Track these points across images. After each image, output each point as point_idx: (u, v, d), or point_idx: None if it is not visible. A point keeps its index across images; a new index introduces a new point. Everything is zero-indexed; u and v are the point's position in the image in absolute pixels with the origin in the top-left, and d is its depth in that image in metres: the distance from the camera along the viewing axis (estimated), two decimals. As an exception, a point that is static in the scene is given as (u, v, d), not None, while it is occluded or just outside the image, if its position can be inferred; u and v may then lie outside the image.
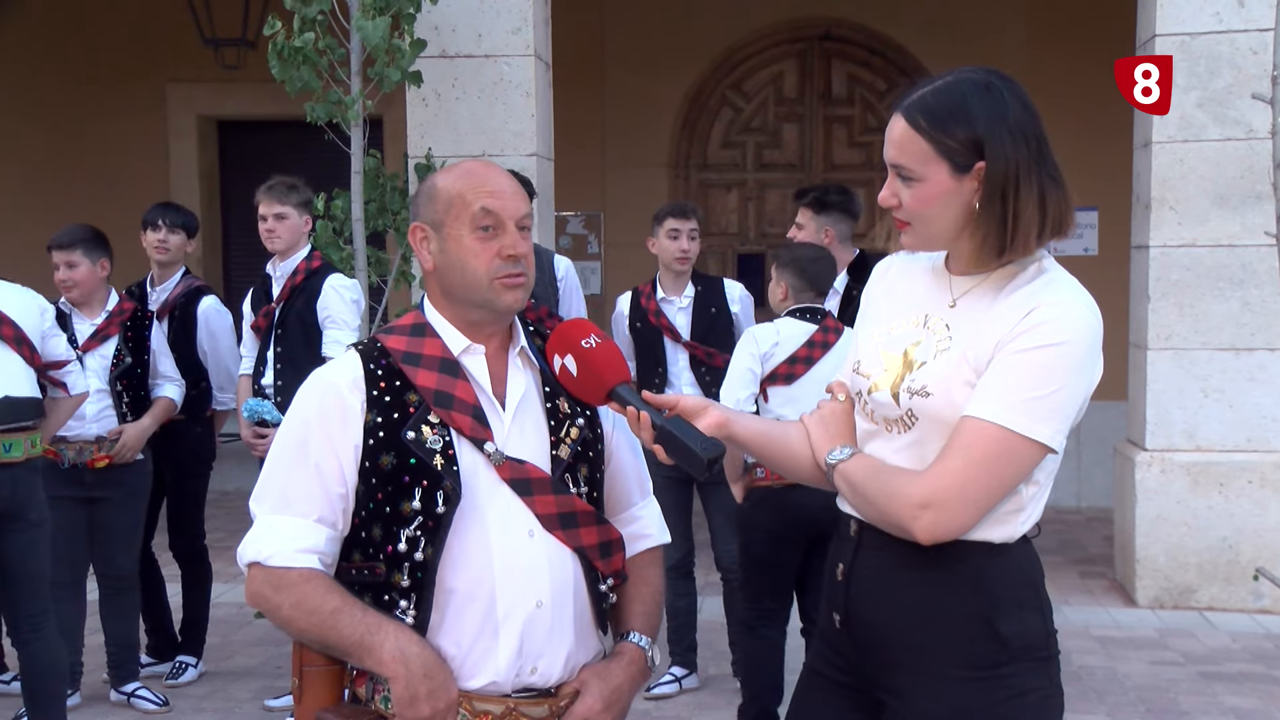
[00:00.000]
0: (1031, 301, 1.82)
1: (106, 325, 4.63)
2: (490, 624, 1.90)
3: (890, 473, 1.89)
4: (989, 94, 1.84)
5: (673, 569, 4.86)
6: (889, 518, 1.87)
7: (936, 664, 1.88)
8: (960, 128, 1.82)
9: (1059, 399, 1.79)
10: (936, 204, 1.86)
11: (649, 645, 2.08)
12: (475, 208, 1.95)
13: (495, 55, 5.85)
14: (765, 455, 2.07)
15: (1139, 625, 5.76)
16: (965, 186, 1.84)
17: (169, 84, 9.31)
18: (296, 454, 1.92)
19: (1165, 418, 6.03)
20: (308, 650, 1.93)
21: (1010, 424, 1.78)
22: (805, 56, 9.24)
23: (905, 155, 1.87)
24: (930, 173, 1.85)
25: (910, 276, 2.03)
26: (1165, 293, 5.99)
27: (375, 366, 1.95)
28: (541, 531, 1.95)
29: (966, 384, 1.84)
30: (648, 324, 4.89)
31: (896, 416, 1.91)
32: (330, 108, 4.93)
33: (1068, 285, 1.87)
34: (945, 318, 1.92)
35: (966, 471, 1.79)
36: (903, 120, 1.87)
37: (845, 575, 1.98)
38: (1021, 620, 1.88)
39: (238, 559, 1.96)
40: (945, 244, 1.92)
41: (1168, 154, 5.93)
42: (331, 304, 4.60)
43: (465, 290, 1.96)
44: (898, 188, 1.89)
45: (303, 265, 4.72)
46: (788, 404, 3.95)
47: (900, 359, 1.93)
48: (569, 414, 2.03)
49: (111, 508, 4.61)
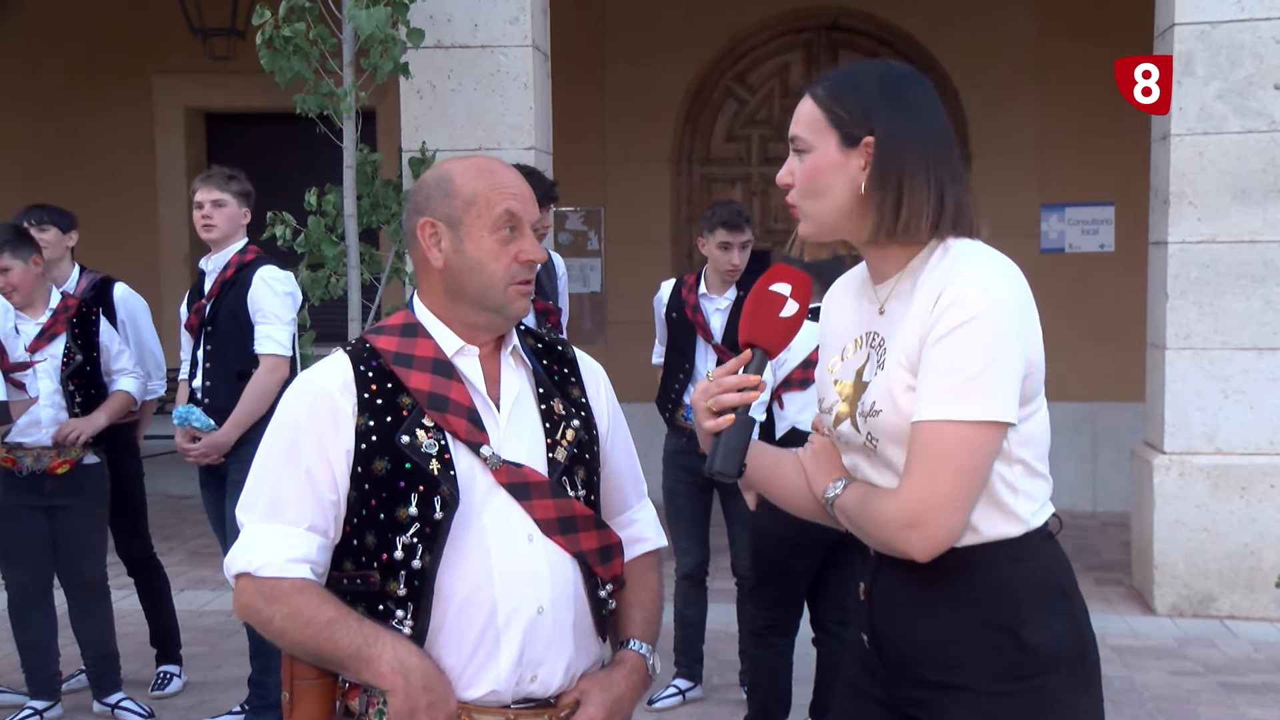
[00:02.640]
0: (940, 285, 1.82)
1: (52, 324, 4.60)
2: (491, 632, 1.90)
3: (872, 498, 1.89)
4: (891, 78, 1.90)
5: (686, 577, 4.87)
6: (883, 544, 1.88)
7: (966, 679, 1.86)
8: (853, 99, 1.87)
9: (992, 372, 1.78)
10: (824, 176, 1.88)
11: (650, 653, 2.08)
12: (499, 209, 1.95)
13: (492, 46, 5.84)
14: (769, 492, 2.08)
15: (1157, 634, 5.75)
16: (853, 162, 1.87)
17: (155, 75, 9.32)
18: (286, 459, 1.91)
19: (1184, 419, 6.02)
20: (298, 663, 1.92)
21: (952, 414, 1.77)
22: (812, 47, 9.23)
23: (800, 126, 1.92)
24: (821, 142, 1.89)
25: (847, 297, 2.06)
26: (1184, 290, 5.99)
27: (366, 369, 1.95)
28: (540, 536, 1.94)
29: (908, 389, 1.83)
30: (683, 317, 4.90)
31: (860, 443, 1.92)
32: (322, 99, 4.92)
33: (971, 256, 1.85)
34: (879, 328, 1.94)
35: (933, 477, 1.78)
36: (807, 95, 1.93)
37: (868, 595, 1.98)
38: (1049, 627, 1.86)
39: (225, 570, 1.95)
40: (835, 226, 1.92)
41: (1187, 147, 5.92)
42: (262, 297, 4.44)
43: (479, 293, 1.96)
44: (794, 165, 1.93)
45: (235, 259, 4.54)
46: (804, 410, 3.94)
47: (852, 384, 1.95)
48: (564, 415, 2.03)
49: (74, 514, 4.60)
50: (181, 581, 5.34)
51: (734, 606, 4.86)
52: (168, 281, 9.17)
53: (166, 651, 5.13)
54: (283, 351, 4.43)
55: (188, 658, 5.23)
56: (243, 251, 4.57)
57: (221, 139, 9.58)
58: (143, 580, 5.12)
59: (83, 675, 5.00)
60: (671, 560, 4.86)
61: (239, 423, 4.37)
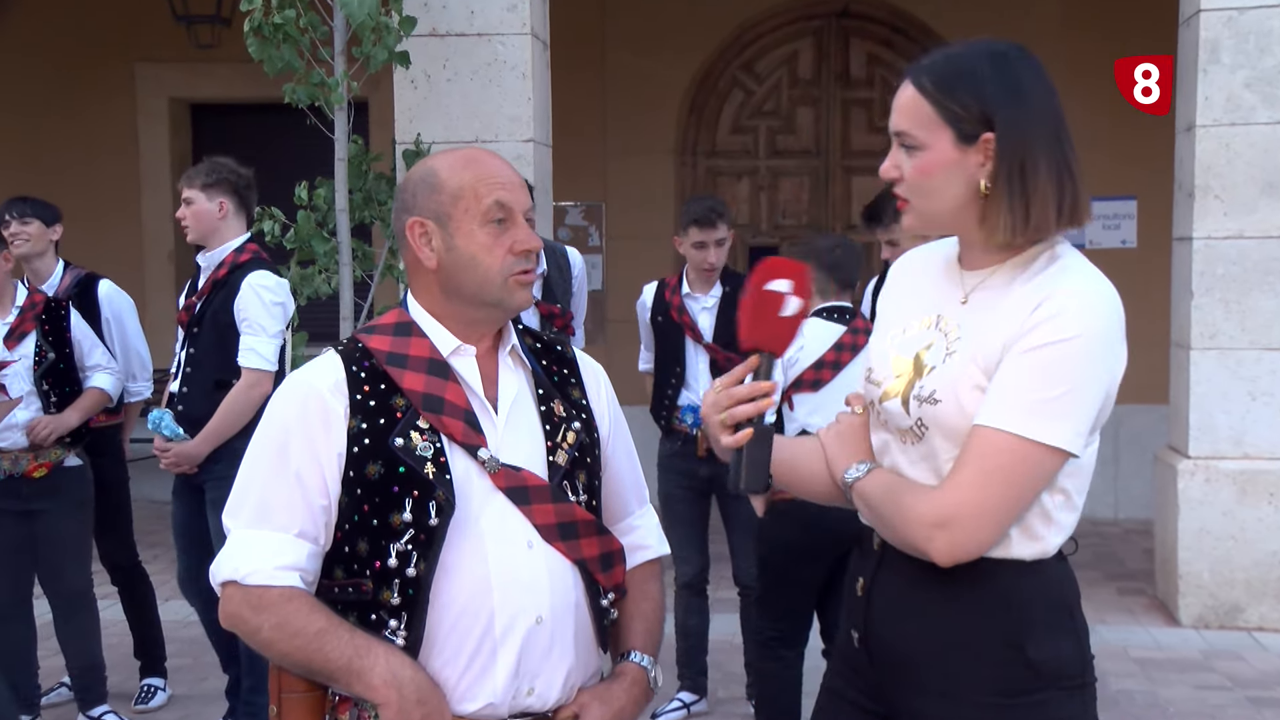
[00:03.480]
0: (1040, 294, 1.81)
1: (21, 321, 4.56)
2: (488, 643, 1.90)
3: (904, 490, 1.89)
4: (1004, 63, 1.84)
5: (686, 586, 4.87)
6: (904, 539, 1.87)
7: (961, 689, 1.87)
8: (968, 93, 1.82)
9: (1073, 399, 1.78)
10: (938, 175, 1.85)
11: (651, 665, 2.07)
12: (488, 201, 1.94)
13: (489, 34, 5.84)
14: (780, 474, 2.06)
15: (1182, 646, 5.74)
16: (970, 159, 1.83)
17: (138, 64, 9.32)
18: (275, 463, 1.91)
19: (1209, 422, 6.01)
20: (287, 675, 1.92)
21: (1022, 430, 1.77)
22: (822, 35, 9.23)
23: (908, 120, 1.87)
24: (933, 140, 1.85)
25: (925, 274, 2.03)
26: (1210, 288, 5.98)
27: (358, 369, 1.94)
28: (540, 542, 1.94)
29: (976, 388, 1.83)
30: (670, 319, 4.89)
31: (907, 426, 1.91)
32: (312, 90, 4.91)
33: (1080, 272, 1.85)
34: (956, 316, 1.91)
35: (981, 485, 1.78)
36: (910, 85, 1.88)
37: (866, 591, 1.98)
38: (1055, 645, 1.87)
39: (211, 578, 1.94)
40: (946, 224, 1.91)
41: (1213, 138, 5.91)
42: (248, 305, 4.30)
43: (476, 289, 1.95)
44: (900, 158, 1.89)
45: (230, 258, 4.42)
46: (815, 412, 3.94)
47: (912, 364, 1.92)
48: (564, 417, 2.03)
49: (55, 519, 4.57)
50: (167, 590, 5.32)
51: (737, 616, 4.86)
52: (152, 278, 9.17)
53: (151, 663, 5.13)
54: (266, 366, 4.30)
55: (172, 670, 5.22)
56: (239, 250, 4.45)
57: (207, 130, 9.59)
58: (126, 589, 5.11)
59: (63, 689, 5.00)
60: (670, 569, 4.85)
61: (211, 437, 4.29)
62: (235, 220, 4.51)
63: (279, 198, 5.44)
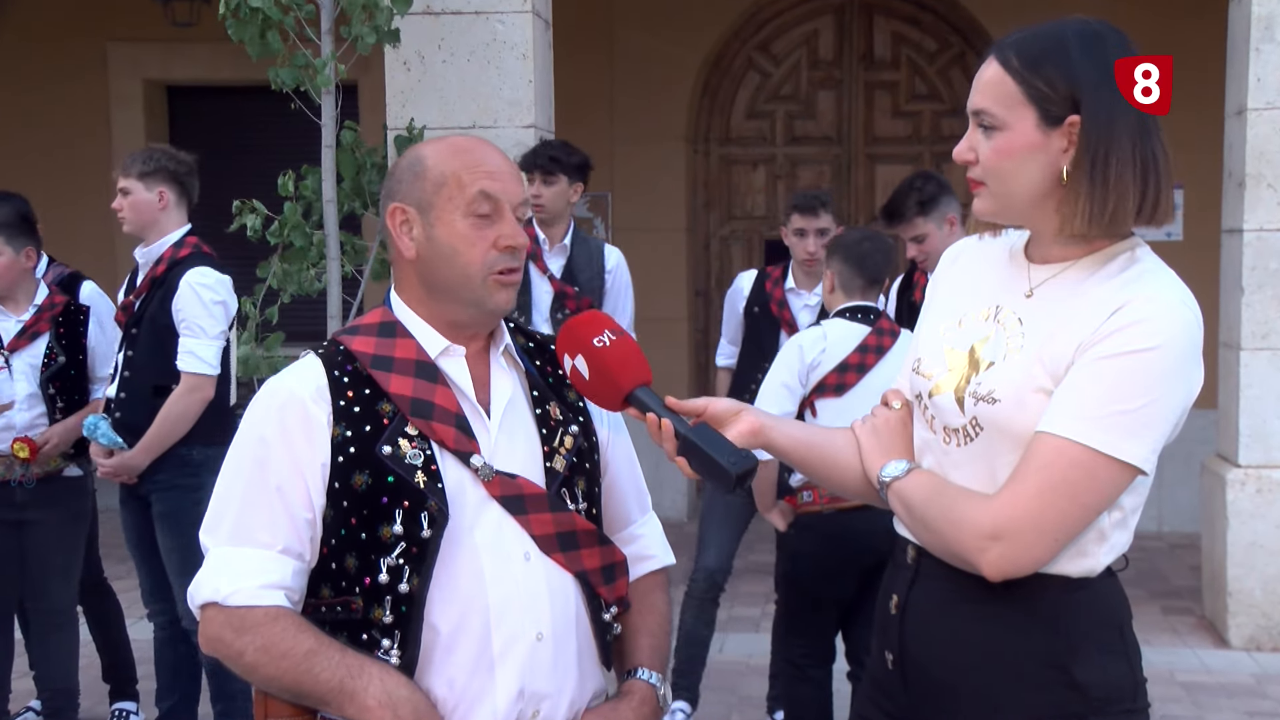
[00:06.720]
0: (1120, 297, 1.80)
1: (35, 321, 4.60)
2: (485, 661, 1.91)
3: (955, 495, 1.88)
4: (1095, 42, 1.84)
5: (704, 580, 4.85)
6: (952, 547, 1.86)
7: (1002, 713, 1.87)
8: (1056, 72, 1.82)
9: (1151, 413, 1.77)
10: (1017, 157, 1.85)
11: (660, 682, 2.08)
12: (472, 190, 1.94)
13: (488, 12, 5.84)
14: (808, 466, 2.07)
15: (1232, 669, 5.74)
16: (1053, 143, 1.83)
17: (110, 43, 9.31)
18: (254, 475, 1.92)
19: (1261, 429, 6.00)
20: (273, 699, 1.93)
21: (1094, 442, 1.76)
22: (843, 13, 9.23)
23: (989, 98, 1.86)
24: (1015, 119, 1.84)
25: (983, 262, 2.02)
26: (1262, 283, 5.97)
27: (340, 373, 1.95)
28: (539, 554, 1.95)
29: (1041, 391, 1.82)
30: (767, 312, 4.95)
31: (959, 425, 1.90)
32: (297, 72, 4.91)
33: (1164, 279, 1.85)
34: (1019, 310, 1.90)
35: (1043, 498, 1.77)
36: (994, 61, 1.87)
37: (900, 608, 1.98)
38: (1103, 667, 1.86)
39: (188, 600, 1.95)
40: (1021, 211, 1.90)
41: (1265, 123, 5.91)
42: (187, 305, 4.28)
43: (453, 285, 1.96)
44: (976, 140, 1.89)
45: (168, 253, 4.40)
46: (839, 418, 3.94)
47: (966, 358, 1.92)
48: (561, 421, 2.03)
49: (47, 531, 4.59)
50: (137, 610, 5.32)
51: (755, 636, 4.86)
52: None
53: (121, 686, 5.12)
54: (206, 370, 4.30)
55: (143, 693, 5.22)
56: (178, 244, 4.43)
57: (184, 114, 9.59)
58: (92, 608, 5.10)
59: (30, 713, 5.01)
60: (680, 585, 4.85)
61: (151, 446, 4.29)
62: (176, 211, 4.50)
63: (262, 187, 5.44)
